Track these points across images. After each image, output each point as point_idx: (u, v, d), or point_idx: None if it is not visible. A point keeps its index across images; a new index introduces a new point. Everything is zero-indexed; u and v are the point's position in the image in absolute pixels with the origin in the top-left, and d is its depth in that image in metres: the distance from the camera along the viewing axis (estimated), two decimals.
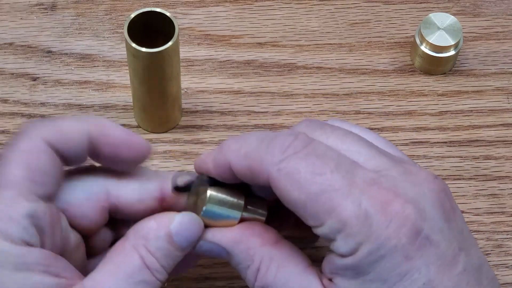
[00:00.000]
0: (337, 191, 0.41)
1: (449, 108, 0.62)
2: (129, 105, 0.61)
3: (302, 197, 0.42)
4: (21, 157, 0.43)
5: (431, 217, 0.42)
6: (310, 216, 0.42)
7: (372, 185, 0.42)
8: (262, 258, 0.44)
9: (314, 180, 0.42)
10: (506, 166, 0.60)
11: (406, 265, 0.41)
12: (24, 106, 0.61)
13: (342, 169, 0.42)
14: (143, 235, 0.44)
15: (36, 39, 0.64)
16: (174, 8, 0.66)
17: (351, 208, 0.41)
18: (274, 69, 0.64)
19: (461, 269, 0.42)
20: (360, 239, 0.41)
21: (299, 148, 0.43)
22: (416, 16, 0.66)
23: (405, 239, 0.41)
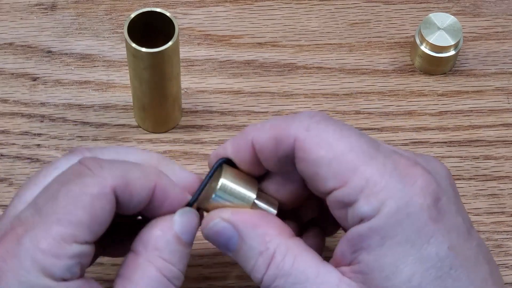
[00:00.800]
0: (363, 152, 0.42)
1: (449, 108, 0.62)
2: (129, 105, 0.61)
3: (330, 155, 0.42)
4: (89, 201, 0.42)
5: (447, 190, 0.43)
6: (333, 175, 0.42)
7: (395, 154, 0.43)
8: (277, 246, 0.44)
9: (342, 140, 0.42)
10: (506, 166, 0.60)
11: (432, 226, 0.41)
12: (24, 106, 0.61)
13: (366, 137, 0.43)
14: (154, 246, 0.44)
15: (36, 39, 0.64)
16: (174, 8, 0.66)
17: (376, 166, 0.42)
18: (274, 69, 0.64)
19: (476, 243, 0.43)
20: (384, 195, 0.41)
21: (326, 116, 0.44)
22: (416, 16, 0.66)
23: (430, 200, 0.41)
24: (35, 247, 0.41)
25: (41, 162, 0.59)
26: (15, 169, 0.59)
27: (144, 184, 0.44)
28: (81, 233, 0.41)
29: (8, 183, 0.58)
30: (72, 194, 0.42)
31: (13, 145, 0.60)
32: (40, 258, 0.40)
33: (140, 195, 0.44)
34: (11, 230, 0.42)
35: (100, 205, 0.42)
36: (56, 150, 0.59)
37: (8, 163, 0.59)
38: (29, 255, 0.40)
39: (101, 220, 0.42)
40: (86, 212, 0.42)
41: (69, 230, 0.41)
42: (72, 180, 0.42)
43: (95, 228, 0.42)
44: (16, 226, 0.42)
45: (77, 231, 0.41)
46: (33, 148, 0.59)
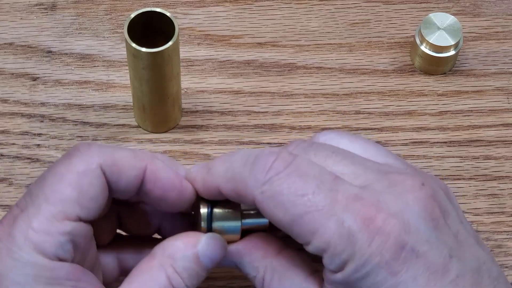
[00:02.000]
0: (319, 211, 0.42)
1: (449, 108, 0.62)
2: (129, 105, 0.61)
3: (287, 218, 0.42)
4: (75, 178, 0.43)
5: (416, 229, 0.42)
6: (296, 236, 0.43)
7: (355, 201, 0.42)
8: (265, 269, 0.46)
9: (296, 202, 0.42)
10: (506, 166, 0.60)
11: (392, 280, 0.41)
12: (24, 106, 0.61)
13: (324, 187, 0.42)
14: (170, 255, 0.45)
15: (36, 39, 0.64)
16: (174, 8, 0.66)
17: (334, 228, 0.42)
18: (274, 69, 0.64)
19: (454, 276, 0.42)
20: (345, 257, 0.42)
21: (281, 168, 0.43)
22: (416, 16, 0.66)
23: (388, 255, 0.41)
24: (28, 226, 0.42)
25: (41, 162, 0.59)
26: (15, 169, 0.59)
27: (133, 164, 0.45)
28: (71, 209, 0.43)
29: (8, 183, 0.58)
30: (59, 174, 0.44)
31: (13, 145, 0.60)
32: (32, 236, 0.42)
33: (129, 174, 0.45)
34: (8, 214, 0.44)
35: (87, 181, 0.43)
36: (56, 150, 0.59)
37: (8, 163, 0.59)
38: (22, 233, 0.42)
39: (91, 196, 0.43)
40: (73, 188, 0.43)
41: (58, 207, 0.43)
42: (60, 162, 0.44)
43: (85, 203, 0.43)
44: (13, 211, 0.44)
45: (66, 207, 0.43)
46: (33, 148, 0.59)
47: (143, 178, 0.45)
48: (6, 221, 0.43)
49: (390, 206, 0.42)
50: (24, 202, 0.44)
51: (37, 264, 0.42)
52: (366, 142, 0.47)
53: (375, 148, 0.47)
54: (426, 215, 0.43)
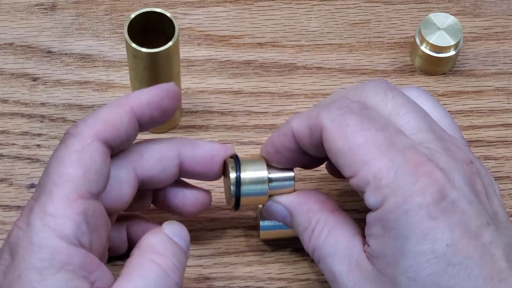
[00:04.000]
0: (376, 146, 0.44)
1: (449, 108, 0.62)
2: None
3: (346, 147, 0.45)
4: (75, 156, 0.45)
5: (460, 187, 0.44)
6: (347, 165, 0.45)
7: (410, 149, 0.44)
8: (318, 221, 0.48)
9: (359, 133, 0.45)
10: (506, 166, 0.60)
11: (429, 224, 0.42)
12: (24, 106, 0.61)
13: (387, 131, 0.45)
14: (147, 245, 0.46)
15: (36, 39, 0.64)
16: (174, 8, 0.66)
17: (384, 161, 0.44)
18: (274, 69, 0.64)
19: (487, 241, 0.43)
20: (387, 192, 0.43)
21: (354, 109, 0.46)
22: (416, 16, 0.66)
23: (431, 198, 0.43)
24: (44, 212, 0.44)
25: (41, 162, 0.59)
26: (15, 169, 0.59)
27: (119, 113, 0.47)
28: (80, 186, 0.44)
29: (8, 183, 0.58)
30: (59, 158, 0.45)
31: (13, 145, 0.60)
32: (49, 221, 0.43)
33: (122, 125, 0.47)
34: (26, 206, 0.46)
35: (88, 156, 0.45)
36: None
37: (8, 163, 0.59)
38: (40, 220, 0.43)
39: (95, 169, 0.45)
40: (76, 167, 0.45)
41: (69, 188, 0.44)
42: (57, 149, 0.46)
43: (92, 177, 0.45)
44: (29, 203, 0.45)
45: (76, 186, 0.44)
46: (33, 148, 0.59)
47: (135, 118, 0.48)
48: (24, 213, 0.45)
49: (440, 162, 0.44)
50: (36, 193, 0.45)
51: (54, 248, 0.43)
52: (444, 113, 0.49)
53: (449, 121, 0.49)
54: (470, 183, 0.45)
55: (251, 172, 0.50)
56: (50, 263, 0.43)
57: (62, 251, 0.43)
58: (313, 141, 0.47)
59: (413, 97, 0.49)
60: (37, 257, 0.43)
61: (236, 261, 0.55)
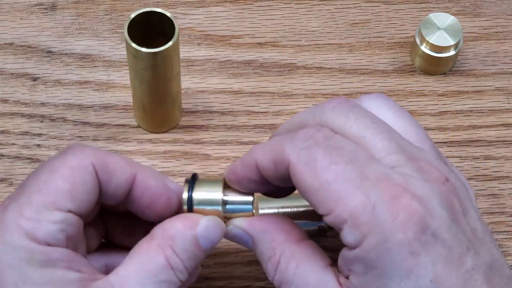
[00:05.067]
0: (349, 181, 0.42)
1: (449, 108, 0.62)
2: (129, 105, 0.61)
3: (316, 184, 0.43)
4: (68, 172, 0.45)
5: (439, 215, 0.42)
6: (320, 203, 0.43)
7: (384, 180, 0.42)
8: (283, 252, 0.45)
9: (328, 169, 0.43)
10: (506, 166, 0.60)
11: (412, 261, 0.41)
12: (24, 106, 0.61)
13: (357, 162, 0.43)
14: (170, 236, 0.45)
15: (36, 39, 0.64)
16: (174, 8, 0.66)
17: (359, 198, 0.42)
18: (274, 69, 0.64)
19: (469, 268, 0.42)
20: (366, 230, 0.41)
21: (319, 139, 0.44)
22: (416, 16, 0.66)
23: (412, 234, 0.41)
24: (19, 214, 0.43)
25: (41, 162, 0.59)
26: (15, 169, 0.59)
27: (125, 168, 0.46)
28: (62, 200, 0.44)
29: (8, 183, 0.58)
30: (52, 168, 0.45)
31: (13, 145, 0.60)
32: (23, 223, 0.43)
33: (120, 177, 0.46)
34: (0, 204, 0.45)
35: (80, 176, 0.45)
36: (56, 150, 0.59)
37: (8, 163, 0.59)
38: (14, 220, 0.43)
39: (83, 190, 0.45)
40: (65, 181, 0.44)
41: (49, 197, 0.44)
42: (54, 158, 0.46)
43: (77, 196, 0.44)
44: (5, 201, 0.45)
45: (58, 198, 0.44)
46: (33, 148, 0.59)
47: (133, 184, 0.46)
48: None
49: (416, 189, 0.42)
50: (15, 193, 0.45)
51: (29, 248, 0.43)
52: (409, 121, 0.47)
53: (415, 130, 0.47)
54: (447, 206, 0.43)
55: (204, 193, 0.47)
56: (28, 262, 0.43)
57: (38, 250, 0.43)
58: (279, 175, 0.45)
59: (376, 106, 0.47)
60: (12, 256, 0.43)
61: (236, 261, 0.55)
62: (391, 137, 0.45)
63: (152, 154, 0.59)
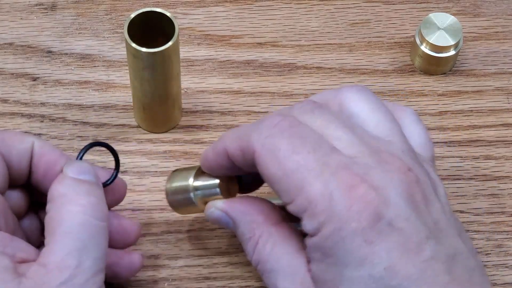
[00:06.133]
0: (309, 171, 0.43)
1: (449, 108, 0.62)
2: (129, 105, 0.61)
3: (279, 173, 0.44)
4: None
5: (396, 205, 0.43)
6: (283, 191, 0.44)
7: (343, 169, 0.43)
8: (261, 233, 0.47)
9: (291, 158, 0.44)
10: (506, 166, 0.60)
11: (366, 249, 0.42)
12: (24, 106, 0.61)
13: (319, 151, 0.44)
14: (56, 195, 0.45)
15: (36, 39, 0.64)
16: (174, 8, 0.66)
17: (318, 187, 0.43)
18: (274, 69, 0.64)
19: (428, 257, 0.42)
20: (323, 218, 0.43)
21: (284, 128, 0.45)
22: (416, 16, 0.66)
23: (366, 223, 0.42)
24: None
25: None
26: None
27: (21, 138, 0.48)
28: None
29: None
30: None
31: None
32: None
33: (19, 146, 0.47)
34: None
35: None
36: None
37: None
38: None
39: None
40: None
41: None
42: None
43: None
44: None
45: None
46: None
47: (32, 152, 0.48)
48: None
49: (374, 179, 0.43)
50: None
51: None
52: (384, 116, 0.48)
53: (389, 125, 0.47)
54: (407, 196, 0.44)
55: (176, 183, 0.51)
56: None
57: None
58: (247, 162, 0.46)
59: (354, 99, 0.47)
60: None
61: (236, 261, 0.55)
62: (354, 131, 0.46)
63: (152, 154, 0.59)
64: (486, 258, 0.56)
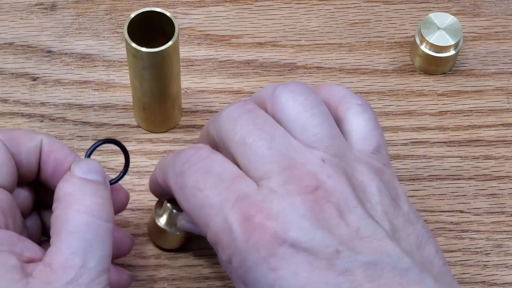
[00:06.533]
0: (211, 206, 0.45)
1: (449, 108, 0.62)
2: (129, 105, 0.61)
3: (190, 209, 0.46)
4: None
5: (299, 227, 0.43)
6: (198, 225, 0.46)
7: (241, 200, 0.44)
8: None
9: (196, 195, 0.45)
10: (506, 166, 0.60)
11: (272, 276, 0.42)
12: (24, 106, 0.61)
13: (221, 185, 0.45)
14: (63, 195, 0.45)
15: (36, 39, 0.64)
16: (174, 8, 0.66)
17: (220, 223, 0.44)
18: (274, 69, 0.64)
19: (342, 269, 0.42)
20: (229, 252, 0.44)
21: (193, 163, 0.46)
22: (416, 16, 0.66)
23: (265, 252, 0.43)
24: None
25: None
26: None
27: (30, 135, 0.48)
28: None
29: None
30: None
31: None
32: None
33: (28, 145, 0.47)
34: None
35: None
36: None
37: None
38: None
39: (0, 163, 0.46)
40: None
41: None
42: None
43: None
44: None
45: None
46: None
47: (41, 149, 0.48)
48: None
49: (273, 206, 0.43)
50: None
51: None
52: (312, 118, 0.47)
53: (316, 129, 0.46)
54: (311, 215, 0.43)
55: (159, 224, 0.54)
56: None
57: None
58: (171, 193, 0.48)
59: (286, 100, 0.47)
60: None
61: None
62: (272, 145, 0.45)
63: (152, 154, 0.59)
64: (486, 258, 0.56)
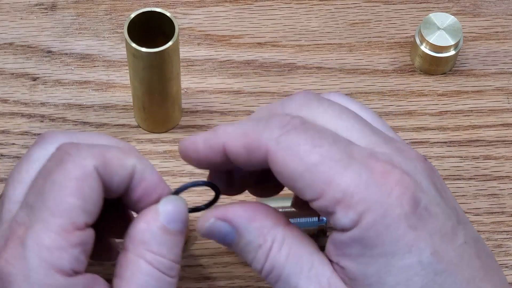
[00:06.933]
0: (336, 162, 0.41)
1: (449, 108, 0.62)
2: (129, 105, 0.61)
3: (301, 168, 0.41)
4: (74, 185, 0.42)
5: (428, 190, 0.42)
6: (307, 187, 0.41)
7: (371, 158, 0.41)
8: (275, 238, 0.43)
9: (313, 151, 0.41)
10: (506, 166, 0.60)
11: (412, 235, 0.40)
12: (24, 106, 0.61)
13: (340, 143, 0.42)
14: (140, 240, 0.43)
15: (36, 39, 0.64)
16: (174, 8, 0.66)
17: (351, 177, 0.40)
18: (274, 69, 0.64)
19: (462, 241, 0.42)
20: (361, 208, 0.40)
21: (297, 125, 0.42)
22: (416, 16, 0.66)
23: (408, 208, 0.40)
24: (40, 245, 0.41)
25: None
26: None
27: (123, 161, 0.44)
28: (79, 218, 0.41)
29: None
30: (57, 184, 0.42)
31: (13, 145, 0.60)
32: (46, 255, 0.40)
33: (121, 174, 0.43)
34: (12, 234, 0.42)
35: (87, 186, 0.42)
36: None
37: (8, 163, 0.59)
38: (35, 254, 0.40)
39: (93, 199, 0.42)
40: (75, 196, 0.41)
41: (66, 219, 0.41)
42: (54, 170, 0.42)
43: (89, 208, 0.42)
44: (16, 229, 0.42)
45: (74, 217, 0.41)
46: None
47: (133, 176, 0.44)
48: (12, 243, 0.41)
49: (403, 165, 0.42)
50: (26, 218, 0.42)
51: (55, 285, 0.41)
52: (374, 115, 0.46)
53: (381, 121, 0.46)
54: (432, 182, 0.42)
55: None
56: None
57: (63, 285, 0.41)
58: (252, 162, 0.43)
59: (340, 102, 0.46)
60: None
61: (236, 261, 0.55)
62: (364, 122, 0.44)
63: (152, 154, 0.59)
64: None
